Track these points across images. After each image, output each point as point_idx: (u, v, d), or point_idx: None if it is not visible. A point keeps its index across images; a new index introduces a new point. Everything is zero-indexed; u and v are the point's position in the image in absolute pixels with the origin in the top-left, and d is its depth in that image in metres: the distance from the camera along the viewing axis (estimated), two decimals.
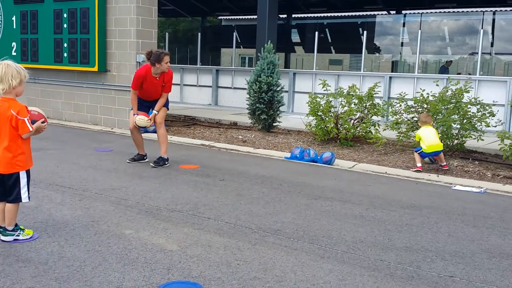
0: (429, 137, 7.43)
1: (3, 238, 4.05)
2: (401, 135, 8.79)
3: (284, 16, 22.89)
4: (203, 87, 15.82)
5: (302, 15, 26.68)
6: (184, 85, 16.01)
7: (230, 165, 7.44)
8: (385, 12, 24.86)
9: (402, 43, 26.23)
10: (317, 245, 4.24)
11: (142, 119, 7.10)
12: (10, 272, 3.48)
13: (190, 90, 15.89)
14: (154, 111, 7.19)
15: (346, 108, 9.30)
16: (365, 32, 14.29)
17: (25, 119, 3.97)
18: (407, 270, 3.80)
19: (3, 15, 12.01)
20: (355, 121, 9.37)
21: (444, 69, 16.31)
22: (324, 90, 9.75)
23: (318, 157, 7.94)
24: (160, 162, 7.17)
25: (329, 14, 25.78)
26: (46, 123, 4.21)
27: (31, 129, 4.00)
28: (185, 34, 32.72)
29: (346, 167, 7.70)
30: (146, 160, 7.42)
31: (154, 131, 7.70)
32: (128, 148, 8.39)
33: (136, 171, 6.78)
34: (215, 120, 12.12)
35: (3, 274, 3.44)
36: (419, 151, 7.47)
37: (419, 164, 7.44)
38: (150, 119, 7.15)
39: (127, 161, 7.37)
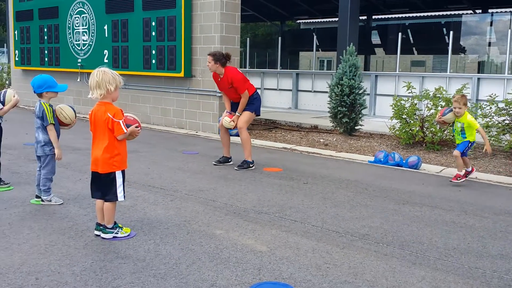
0: None
1: (103, 235, 4.31)
2: (492, 138, 8.40)
3: (364, 17, 22.54)
4: (283, 91, 15.92)
5: (383, 16, 26.16)
6: (265, 89, 16.19)
7: (313, 169, 7.44)
8: (470, 11, 23.82)
9: (489, 43, 24.99)
10: (407, 251, 4.16)
11: (226, 121, 7.34)
12: (111, 268, 3.69)
13: (270, 94, 16.05)
14: (237, 113, 7.36)
15: (432, 110, 9.01)
16: (451, 32, 13.77)
17: (120, 121, 4.20)
18: (504, 279, 3.64)
19: (96, 24, 12.75)
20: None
21: None
22: (409, 93, 9.51)
23: (404, 161, 7.76)
24: (244, 165, 7.31)
25: (410, 15, 25.11)
26: (139, 128, 4.43)
27: (125, 131, 4.22)
28: (264, 39, 33.09)
29: (434, 171, 7.46)
30: (231, 163, 7.59)
31: (237, 135, 7.89)
32: (212, 151, 8.63)
33: (222, 174, 6.96)
34: (296, 124, 12.16)
35: (105, 269, 3.66)
36: None
37: None
38: (232, 121, 7.33)
39: (213, 163, 7.58)
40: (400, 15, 25.96)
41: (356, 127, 10.40)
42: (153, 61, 11.42)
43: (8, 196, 5.48)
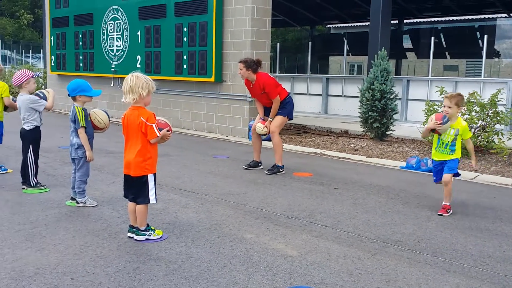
0: None
1: (136, 237, 4.37)
2: None
3: (396, 21, 22.34)
4: (313, 96, 15.88)
5: (414, 20, 25.88)
6: (295, 93, 16.18)
7: (343, 174, 7.40)
8: (505, 15, 23.33)
9: None
10: (441, 258, 4.09)
11: (259, 127, 7.37)
12: (144, 269, 3.75)
13: (300, 99, 16.02)
14: (269, 118, 7.39)
15: (466, 116, 8.85)
16: (485, 36, 13.52)
17: (153, 125, 4.27)
18: None
19: (129, 30, 12.98)
20: (476, 130, 8.89)
21: None
22: (442, 98, 9.35)
23: None
24: (274, 169, 7.32)
25: (443, 19, 24.78)
26: (171, 131, 4.49)
27: (158, 135, 4.29)
28: (294, 44, 33.11)
29: (468, 178, 7.32)
30: (261, 167, 7.61)
31: (268, 139, 7.90)
32: (242, 155, 8.67)
33: (252, 178, 6.98)
34: (326, 128, 12.11)
35: (138, 271, 3.71)
36: None
37: None
38: (265, 127, 7.36)
39: (243, 167, 7.62)
40: (432, 19, 25.63)
41: (387, 132, 10.29)
42: (185, 66, 11.55)
43: (45, 198, 5.62)
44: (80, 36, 14.77)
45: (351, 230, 4.77)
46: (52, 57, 16.19)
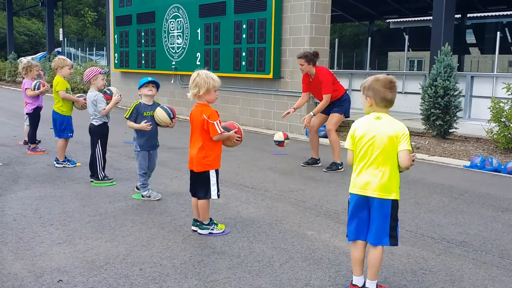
0: None
1: (199, 231, 4.49)
2: None
3: (458, 16, 21.62)
4: None
5: (478, 14, 24.97)
6: (353, 90, 15.99)
7: (404, 172, 7.24)
8: None
9: None
10: (508, 260, 3.97)
11: (279, 135, 7.12)
12: (208, 262, 3.85)
13: (359, 95, 15.79)
14: (311, 113, 7.31)
15: None
16: None
17: (215, 122, 4.36)
18: None
19: (189, 28, 13.24)
20: None
21: None
22: (509, 95, 9.02)
23: (502, 167, 7.38)
24: (333, 167, 7.29)
25: (508, 12, 23.75)
26: (240, 137, 4.56)
27: (219, 132, 4.37)
28: (352, 39, 32.68)
29: None
30: (320, 164, 7.60)
31: (325, 136, 7.86)
32: (301, 152, 8.68)
33: (310, 175, 6.99)
34: None
35: (203, 263, 3.82)
36: None
37: None
38: (305, 120, 7.28)
39: (301, 164, 7.64)
40: (496, 13, 24.65)
41: (450, 130, 10.01)
42: (243, 63, 11.67)
43: (112, 191, 5.87)
44: (143, 34, 15.21)
45: (413, 229, 4.71)
46: (116, 54, 16.75)
